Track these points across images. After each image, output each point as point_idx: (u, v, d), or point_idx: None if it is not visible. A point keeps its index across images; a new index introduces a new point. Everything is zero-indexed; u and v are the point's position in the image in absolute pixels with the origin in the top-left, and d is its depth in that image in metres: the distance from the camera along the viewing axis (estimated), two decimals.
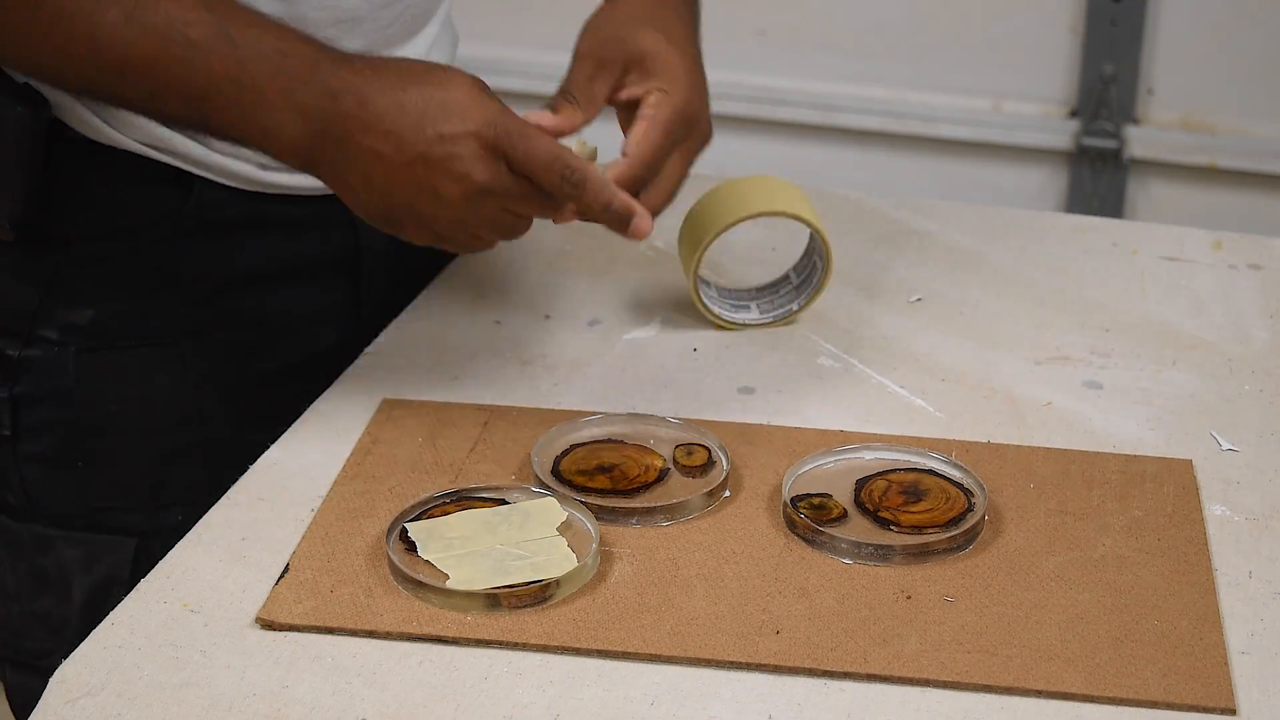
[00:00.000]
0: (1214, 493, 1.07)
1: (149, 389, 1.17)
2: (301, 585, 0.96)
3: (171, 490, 1.18)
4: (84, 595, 1.17)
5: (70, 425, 1.16)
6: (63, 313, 1.15)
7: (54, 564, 1.18)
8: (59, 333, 1.15)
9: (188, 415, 1.18)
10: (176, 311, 1.17)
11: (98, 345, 1.16)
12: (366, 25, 1.15)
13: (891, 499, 1.03)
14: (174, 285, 1.16)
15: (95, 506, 1.18)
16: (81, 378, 1.16)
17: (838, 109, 2.19)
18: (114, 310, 1.15)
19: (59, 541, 1.18)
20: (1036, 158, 2.18)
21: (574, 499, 1.02)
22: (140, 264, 1.15)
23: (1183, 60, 2.10)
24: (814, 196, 1.49)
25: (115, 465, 1.18)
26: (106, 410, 1.17)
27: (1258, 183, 2.12)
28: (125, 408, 1.17)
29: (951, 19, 2.14)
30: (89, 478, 1.18)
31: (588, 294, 1.31)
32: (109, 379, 1.16)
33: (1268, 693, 0.90)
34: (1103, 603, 0.95)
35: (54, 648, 1.16)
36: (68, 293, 1.15)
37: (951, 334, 1.26)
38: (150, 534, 1.16)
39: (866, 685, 0.90)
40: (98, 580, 1.17)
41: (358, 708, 0.88)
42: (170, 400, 1.17)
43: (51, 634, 1.18)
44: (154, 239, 1.15)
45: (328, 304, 1.24)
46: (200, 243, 1.16)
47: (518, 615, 0.94)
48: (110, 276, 1.15)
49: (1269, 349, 1.24)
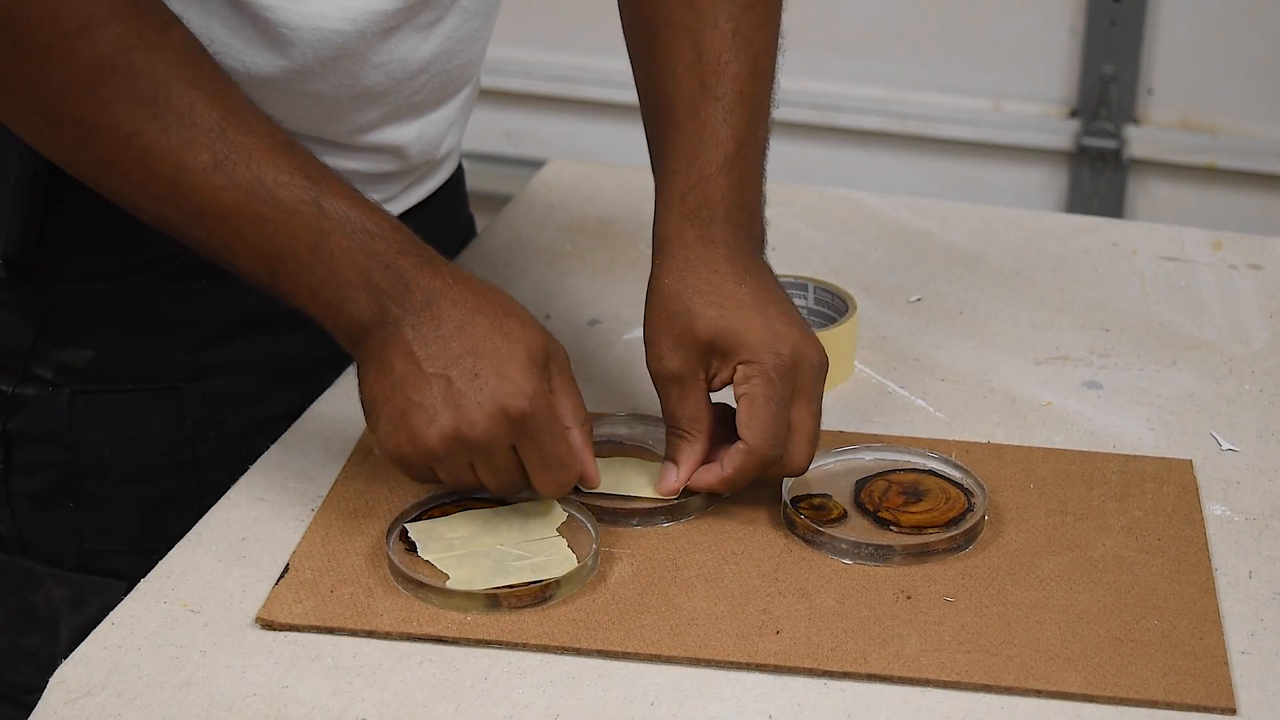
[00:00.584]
0: (1214, 493, 1.07)
1: (144, 433, 1.14)
2: (301, 585, 0.96)
3: (165, 535, 1.12)
4: (71, 636, 1.13)
5: (63, 466, 1.14)
6: (58, 352, 1.13)
7: (42, 602, 1.16)
8: (54, 372, 1.13)
9: (183, 461, 1.15)
10: (175, 355, 1.14)
11: (93, 387, 1.13)
12: (389, 98, 1.12)
13: (891, 499, 1.03)
14: (173, 328, 1.14)
15: (86, 548, 1.16)
16: (75, 419, 1.13)
17: (838, 109, 2.19)
18: (111, 352, 1.13)
19: (48, 580, 1.16)
20: (1036, 158, 2.18)
21: (574, 499, 1.02)
22: (139, 306, 1.13)
23: (1183, 60, 2.10)
24: (814, 196, 1.49)
25: (108, 508, 1.15)
26: (100, 453, 1.14)
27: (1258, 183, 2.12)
28: (120, 451, 1.14)
29: (951, 19, 2.15)
30: (81, 519, 1.15)
31: (588, 294, 1.31)
32: (104, 421, 1.14)
33: (1268, 693, 0.90)
34: (1103, 603, 0.95)
35: (40, 685, 1.13)
36: (64, 332, 1.13)
37: (951, 334, 1.26)
38: (141, 578, 1.14)
39: (866, 685, 0.90)
40: (86, 622, 1.12)
41: (358, 708, 0.88)
42: (166, 445, 1.15)
43: (38, 671, 1.13)
44: (154, 281, 1.13)
45: (331, 350, 1.21)
46: (201, 286, 1.13)
47: (518, 615, 0.94)
48: (108, 318, 1.13)
49: (1269, 349, 1.24)
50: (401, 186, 1.21)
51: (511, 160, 2.29)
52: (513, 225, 1.43)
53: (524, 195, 1.49)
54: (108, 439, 1.14)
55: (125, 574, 1.12)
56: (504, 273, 1.34)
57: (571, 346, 1.23)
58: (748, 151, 1.08)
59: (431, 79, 1.15)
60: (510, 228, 1.42)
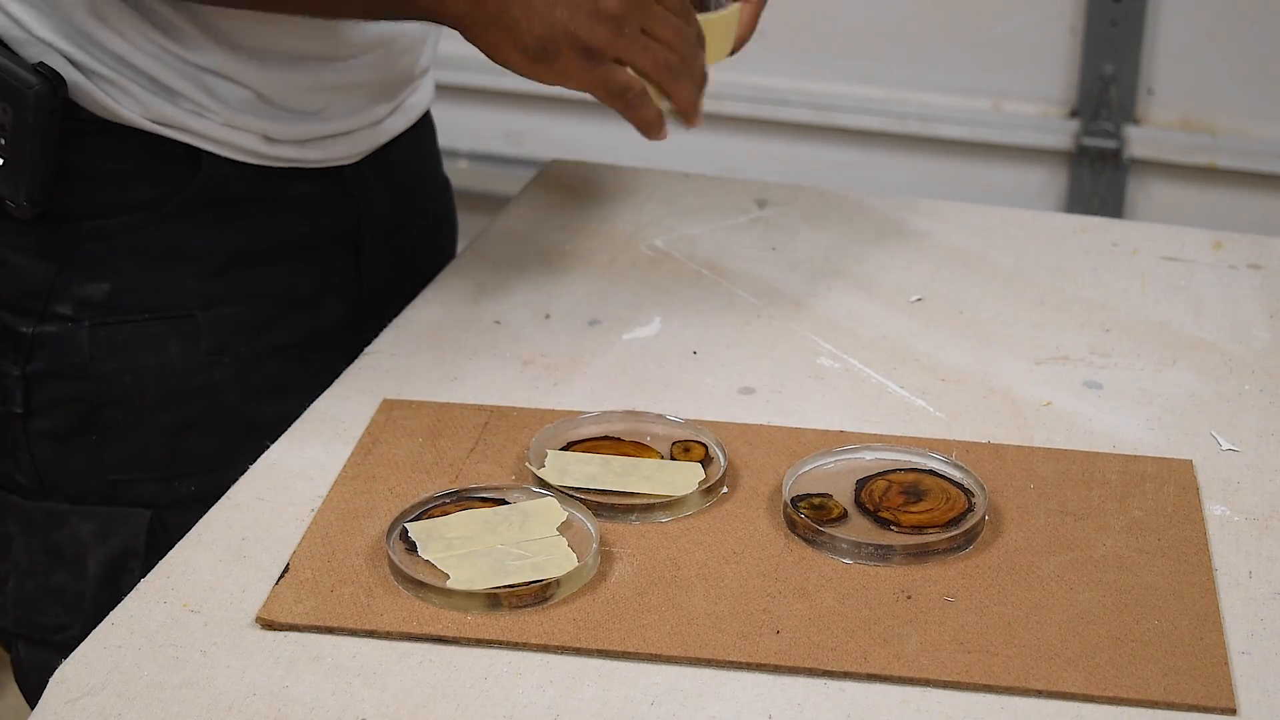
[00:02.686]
0: (1214, 493, 1.07)
1: (163, 361, 1.19)
2: (301, 585, 0.96)
3: (185, 461, 1.20)
4: (99, 568, 1.19)
5: (85, 399, 1.18)
6: (76, 288, 1.17)
7: (68, 539, 1.19)
8: (73, 308, 1.17)
9: (201, 386, 1.20)
10: (188, 285, 1.19)
11: (112, 319, 1.17)
12: None
13: (892, 499, 1.03)
14: (185, 260, 1.19)
15: (110, 479, 1.19)
16: (96, 352, 1.17)
17: (838, 109, 2.19)
18: (127, 285, 1.17)
19: (72, 516, 1.19)
20: (1036, 158, 2.18)
21: (574, 498, 1.02)
22: (152, 239, 1.18)
23: (1183, 60, 2.10)
24: (814, 196, 1.49)
25: (130, 437, 1.19)
26: (121, 383, 1.18)
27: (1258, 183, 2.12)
28: (140, 380, 1.18)
29: (951, 19, 2.14)
30: (103, 451, 1.19)
31: (588, 294, 1.31)
32: (123, 352, 1.18)
33: (1268, 693, 0.90)
34: (1103, 603, 0.95)
35: (69, 622, 1.18)
36: (81, 269, 1.17)
37: (951, 334, 1.26)
38: (165, 505, 1.19)
39: (866, 685, 0.90)
40: (113, 553, 1.19)
41: (358, 708, 0.88)
42: (183, 371, 1.19)
43: (67, 609, 1.20)
44: (165, 214, 1.18)
45: (331, 279, 1.27)
46: (209, 218, 1.19)
47: (518, 615, 0.94)
48: (123, 252, 1.17)
49: (1269, 349, 1.24)
50: (387, 108, 1.27)
51: (511, 160, 2.29)
52: (513, 225, 1.43)
53: (524, 195, 1.49)
54: (128, 368, 1.18)
55: (149, 502, 1.19)
56: (504, 273, 1.34)
57: (571, 346, 1.23)
58: None
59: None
60: (510, 228, 1.42)
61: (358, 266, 1.29)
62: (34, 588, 1.21)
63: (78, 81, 1.13)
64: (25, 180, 1.12)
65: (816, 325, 1.27)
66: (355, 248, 1.28)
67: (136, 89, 1.14)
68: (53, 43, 1.12)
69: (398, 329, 1.25)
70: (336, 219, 1.26)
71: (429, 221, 1.40)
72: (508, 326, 1.26)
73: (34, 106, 1.10)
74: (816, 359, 1.22)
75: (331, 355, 1.22)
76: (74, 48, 1.12)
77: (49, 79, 1.11)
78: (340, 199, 1.26)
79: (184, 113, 1.16)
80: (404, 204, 1.32)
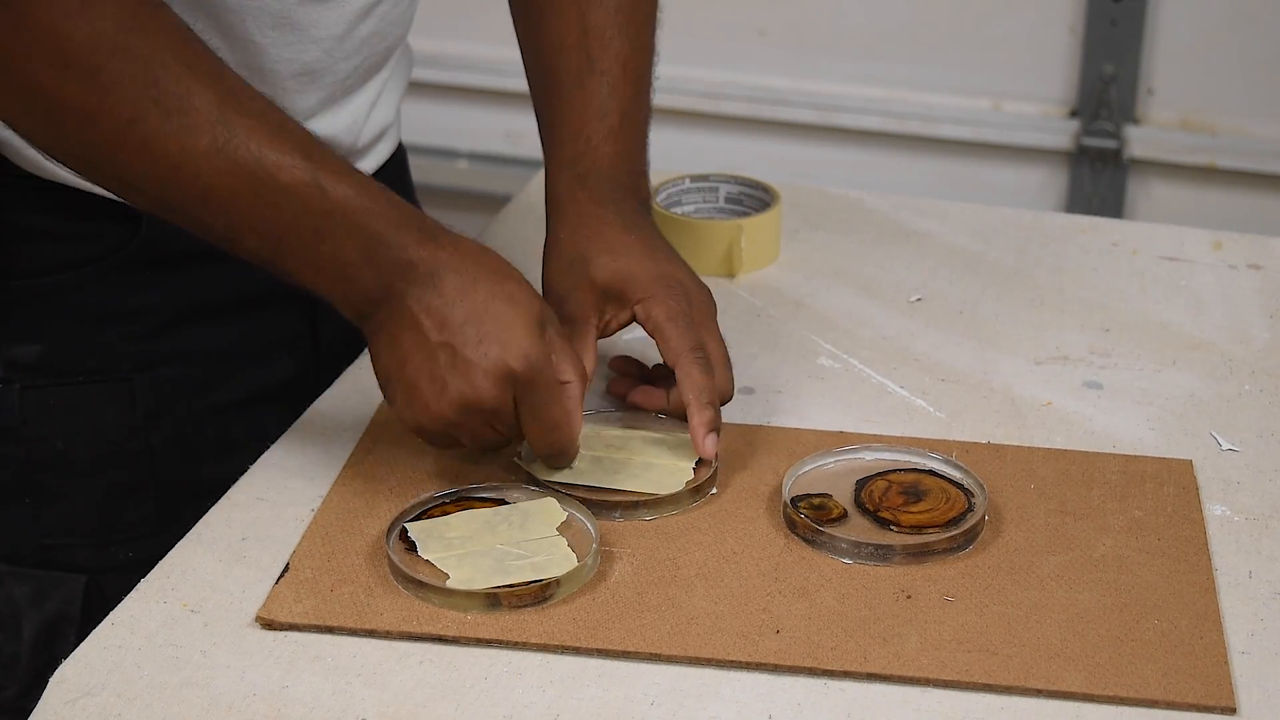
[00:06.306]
0: (1214, 493, 1.07)
1: (97, 425, 1.14)
2: (301, 585, 0.96)
3: (122, 526, 1.16)
4: (33, 633, 1.15)
5: (17, 462, 1.14)
6: (6, 349, 1.12)
7: (3, 600, 1.16)
8: (3, 369, 1.12)
9: (138, 451, 1.15)
10: (125, 346, 1.14)
11: (44, 381, 1.13)
12: (326, 77, 1.13)
13: (891, 499, 1.03)
14: (122, 320, 1.14)
15: (44, 543, 1.15)
16: (28, 414, 1.13)
17: (838, 109, 2.19)
18: (60, 346, 1.13)
19: (8, 578, 1.15)
20: (1036, 158, 2.17)
21: (572, 498, 1.02)
22: (86, 299, 1.13)
23: (1183, 60, 2.09)
24: (814, 196, 1.49)
25: (63, 502, 1.15)
26: (53, 447, 1.14)
27: (1258, 183, 2.12)
28: (73, 444, 1.14)
29: (951, 19, 2.14)
30: (38, 514, 1.15)
31: None
32: (56, 415, 1.14)
33: (1268, 693, 0.90)
34: (1103, 603, 0.95)
35: (4, 684, 1.14)
36: (12, 329, 1.12)
37: (951, 334, 1.26)
38: (101, 570, 1.14)
39: (866, 685, 0.90)
40: (47, 617, 1.15)
41: (358, 708, 0.88)
42: (118, 436, 1.15)
43: (2, 670, 1.16)
44: (101, 273, 1.13)
45: (283, 333, 1.21)
46: (149, 276, 1.14)
47: (518, 615, 0.94)
48: (56, 312, 1.13)
49: (1269, 349, 1.24)
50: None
51: (511, 160, 2.29)
52: (513, 225, 1.43)
53: (524, 195, 1.49)
54: (61, 432, 1.14)
55: (85, 566, 1.14)
56: None
57: None
58: (631, 121, 1.16)
59: (363, 61, 1.16)
60: (510, 228, 1.42)
61: (313, 318, 1.22)
62: None
63: (8, 138, 1.07)
64: None
65: (816, 325, 1.27)
66: (310, 298, 1.15)
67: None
68: None
69: None
70: None
71: None
72: None
73: None
74: (816, 359, 1.22)
75: (281, 411, 1.16)
76: None
77: None
78: None
79: None
80: None
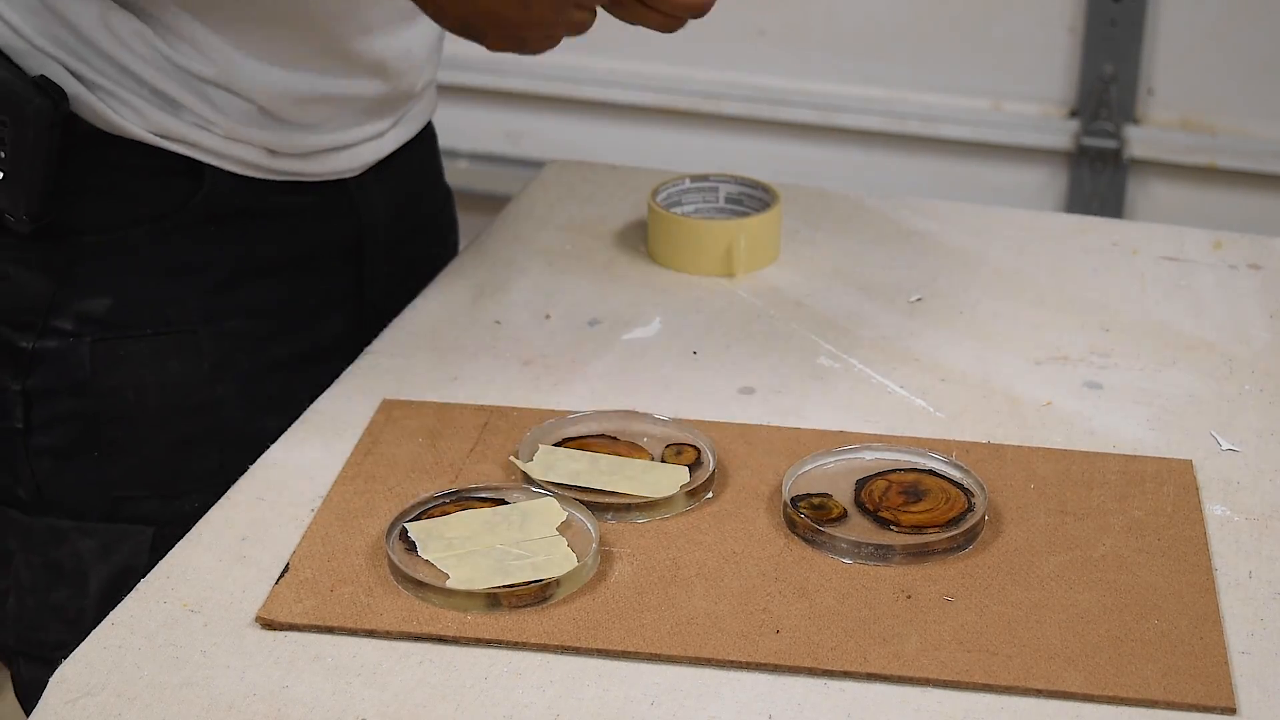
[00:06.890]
0: (1214, 493, 1.07)
1: (164, 377, 1.18)
2: (301, 585, 0.96)
3: (188, 477, 1.19)
4: (100, 586, 1.18)
5: (87, 416, 1.17)
6: (77, 304, 1.16)
7: (69, 555, 1.19)
8: (74, 324, 1.16)
9: (203, 402, 1.19)
10: (190, 300, 1.18)
11: (113, 335, 1.17)
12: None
13: (891, 499, 1.03)
14: (187, 274, 1.18)
15: (112, 496, 1.19)
16: (97, 368, 1.17)
17: (838, 109, 2.19)
18: (129, 300, 1.17)
19: (74, 533, 1.19)
20: (1036, 158, 2.18)
21: (571, 498, 1.02)
22: (153, 254, 1.17)
23: (1183, 60, 2.10)
24: (814, 196, 1.49)
25: (132, 454, 1.19)
26: (123, 399, 1.18)
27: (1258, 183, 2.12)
28: (141, 396, 1.18)
29: (951, 19, 2.14)
30: (105, 468, 1.19)
31: (588, 294, 1.31)
32: (125, 368, 1.17)
33: (1268, 693, 0.90)
34: (1103, 603, 0.95)
35: (70, 639, 1.15)
36: (82, 284, 1.16)
37: (951, 334, 1.26)
38: (166, 522, 1.17)
39: (866, 685, 0.90)
40: (115, 570, 1.18)
41: (358, 708, 0.88)
42: (185, 387, 1.19)
43: (68, 626, 1.19)
44: (167, 229, 1.17)
45: (333, 292, 1.26)
46: (211, 232, 1.18)
47: (518, 615, 0.94)
48: (125, 267, 1.17)
49: (1269, 349, 1.24)
50: (389, 122, 1.26)
51: (511, 160, 2.29)
52: (513, 225, 1.43)
53: (524, 195, 1.49)
54: (129, 384, 1.17)
55: (151, 518, 1.19)
56: (504, 273, 1.34)
57: (571, 346, 1.23)
58: None
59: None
60: (510, 228, 1.42)
61: (359, 278, 1.28)
62: (34, 604, 1.21)
63: (79, 94, 1.12)
64: (24, 194, 1.11)
65: (816, 325, 1.27)
66: (357, 259, 1.28)
67: (138, 101, 1.13)
68: (54, 54, 1.11)
69: (397, 329, 1.25)
70: (338, 231, 1.26)
71: (431, 232, 1.39)
72: (508, 327, 1.26)
73: (34, 120, 1.09)
74: (816, 359, 1.22)
75: (333, 367, 1.21)
76: (75, 59, 1.11)
77: (49, 92, 1.10)
78: (343, 211, 1.25)
79: (186, 125, 1.15)
80: (406, 215, 1.32)
